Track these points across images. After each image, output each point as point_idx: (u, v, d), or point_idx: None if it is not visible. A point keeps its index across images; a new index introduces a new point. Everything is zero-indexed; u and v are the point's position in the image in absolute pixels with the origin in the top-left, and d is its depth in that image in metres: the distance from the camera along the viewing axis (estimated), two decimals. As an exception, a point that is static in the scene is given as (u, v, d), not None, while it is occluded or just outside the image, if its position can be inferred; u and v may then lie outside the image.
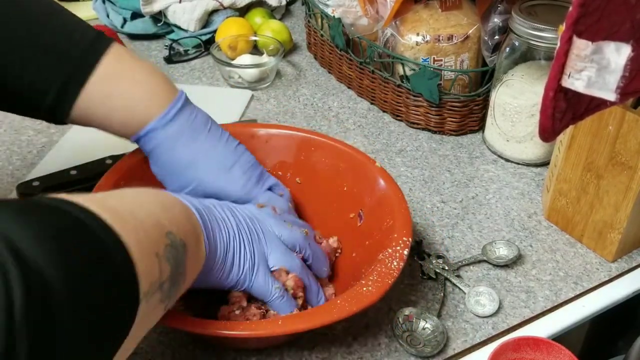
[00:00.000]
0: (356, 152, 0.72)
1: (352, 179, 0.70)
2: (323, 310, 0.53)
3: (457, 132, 0.94)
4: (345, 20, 0.99)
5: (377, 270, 0.56)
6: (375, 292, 0.54)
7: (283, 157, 0.74)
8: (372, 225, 0.66)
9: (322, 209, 0.72)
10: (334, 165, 0.72)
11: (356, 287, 0.54)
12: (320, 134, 0.75)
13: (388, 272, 0.56)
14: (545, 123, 0.43)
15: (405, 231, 0.61)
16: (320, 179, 0.72)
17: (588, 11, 0.40)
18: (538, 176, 0.86)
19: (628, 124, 0.65)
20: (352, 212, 0.70)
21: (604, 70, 0.41)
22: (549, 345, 0.57)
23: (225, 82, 1.06)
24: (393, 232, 0.61)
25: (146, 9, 1.15)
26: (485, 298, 0.67)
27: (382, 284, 0.54)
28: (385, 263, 0.57)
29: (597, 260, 0.73)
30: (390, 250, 0.58)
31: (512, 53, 0.83)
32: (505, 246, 0.73)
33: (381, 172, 0.68)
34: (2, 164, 0.85)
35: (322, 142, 0.73)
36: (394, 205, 0.64)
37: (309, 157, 0.73)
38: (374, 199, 0.67)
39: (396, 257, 0.57)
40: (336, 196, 0.71)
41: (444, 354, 0.62)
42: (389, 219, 0.63)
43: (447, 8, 0.90)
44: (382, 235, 0.63)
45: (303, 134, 0.74)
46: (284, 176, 0.73)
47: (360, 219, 0.68)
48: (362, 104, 1.02)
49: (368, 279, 0.55)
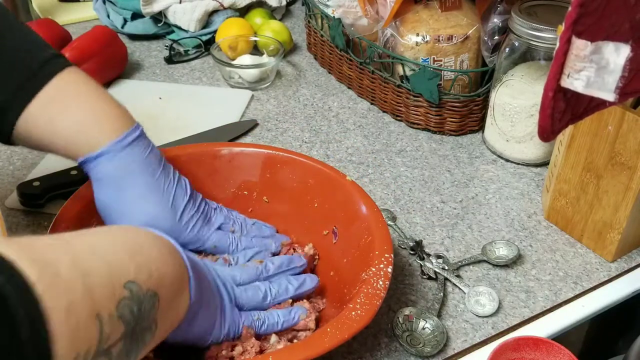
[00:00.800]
0: (325, 166, 0.69)
1: (323, 195, 0.68)
2: (315, 341, 0.51)
3: (457, 132, 0.94)
4: (345, 20, 0.99)
5: (363, 291, 0.55)
6: (365, 315, 0.53)
7: (248, 176, 0.71)
8: (349, 242, 0.64)
9: (293, 228, 0.70)
10: (303, 182, 0.69)
11: (345, 312, 0.53)
12: (286, 150, 0.72)
13: (375, 293, 0.55)
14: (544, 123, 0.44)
15: (386, 247, 0.59)
16: (289, 196, 0.70)
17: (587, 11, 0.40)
18: (538, 176, 0.86)
19: (628, 124, 0.65)
20: (325, 229, 0.68)
21: (603, 70, 0.41)
22: (549, 345, 0.57)
23: (226, 83, 1.06)
24: (373, 248, 0.59)
25: (146, 9, 1.15)
26: (485, 298, 0.67)
27: (371, 306, 0.53)
28: (371, 283, 0.55)
29: (597, 260, 0.73)
30: (374, 269, 0.57)
31: (511, 53, 0.83)
32: (505, 246, 0.73)
33: (353, 185, 0.67)
34: (3, 164, 0.85)
35: (288, 159, 0.70)
36: (370, 220, 0.62)
37: (275, 174, 0.71)
38: (347, 215, 0.66)
39: (381, 276, 0.56)
40: (307, 213, 0.69)
41: (444, 354, 0.62)
42: (366, 234, 0.62)
43: (446, 8, 0.90)
44: (360, 253, 0.62)
45: (267, 151, 0.72)
46: (250, 196, 0.71)
47: (335, 236, 0.67)
48: (362, 104, 1.02)
49: (355, 301, 0.54)
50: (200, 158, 0.69)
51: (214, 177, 0.71)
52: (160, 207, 0.62)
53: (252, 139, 0.92)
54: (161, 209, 0.62)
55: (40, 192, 0.76)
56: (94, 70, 0.99)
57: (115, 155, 0.60)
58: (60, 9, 1.29)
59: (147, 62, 1.12)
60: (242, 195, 0.71)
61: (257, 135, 0.93)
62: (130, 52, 1.11)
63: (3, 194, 0.80)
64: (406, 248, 0.73)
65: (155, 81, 1.07)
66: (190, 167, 0.70)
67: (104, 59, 1.01)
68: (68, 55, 0.96)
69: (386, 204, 0.81)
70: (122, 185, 0.60)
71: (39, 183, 0.77)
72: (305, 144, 0.91)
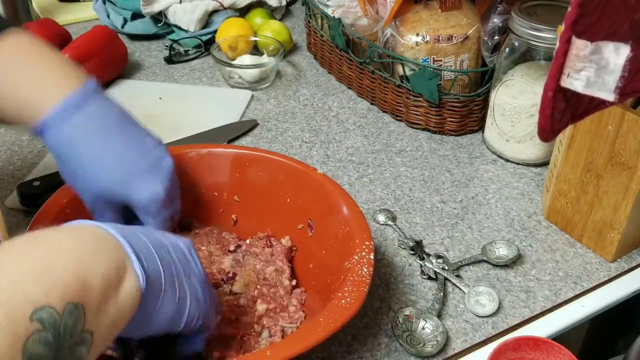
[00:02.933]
0: (294, 162, 0.70)
1: (294, 190, 0.69)
2: (310, 331, 0.52)
3: (457, 132, 0.94)
4: (345, 20, 0.99)
5: (349, 279, 0.55)
6: (355, 302, 0.53)
7: (217, 177, 0.71)
8: (325, 234, 0.65)
9: (267, 224, 0.70)
10: (273, 178, 0.70)
11: (334, 301, 0.53)
12: (254, 149, 0.72)
13: (361, 280, 0.55)
14: (544, 123, 0.44)
15: (365, 235, 0.60)
16: (260, 193, 0.71)
17: (587, 11, 0.40)
18: (538, 176, 0.86)
19: (627, 124, 0.65)
20: (300, 223, 0.68)
21: (602, 70, 0.41)
22: (549, 345, 0.57)
23: (226, 83, 1.06)
24: (352, 238, 0.60)
25: (146, 9, 1.15)
26: (485, 298, 0.67)
27: (359, 293, 0.54)
28: (356, 271, 0.56)
29: (597, 260, 0.73)
30: (357, 257, 0.58)
31: (511, 53, 0.83)
32: (505, 246, 0.73)
33: (324, 178, 0.67)
34: (3, 164, 0.85)
35: (257, 156, 0.71)
36: (345, 210, 0.63)
37: (244, 173, 0.71)
38: (322, 207, 0.66)
39: (364, 264, 0.57)
40: (280, 209, 0.70)
41: (444, 354, 0.62)
42: (344, 225, 0.62)
43: (446, 8, 0.90)
44: (339, 243, 0.62)
45: (235, 150, 0.72)
46: (220, 196, 0.71)
47: (311, 229, 0.67)
48: (362, 104, 1.02)
49: (343, 290, 0.54)
50: None
51: (182, 180, 0.68)
52: (119, 171, 0.57)
53: (252, 139, 0.92)
54: (119, 173, 0.57)
55: (40, 192, 0.76)
56: (94, 70, 0.98)
57: (64, 121, 0.55)
58: (60, 9, 1.29)
59: (147, 62, 1.12)
60: (212, 197, 0.71)
61: (257, 135, 0.93)
62: (130, 52, 1.11)
63: (3, 194, 0.80)
64: (406, 248, 0.73)
65: (155, 81, 1.07)
66: None
67: (104, 59, 1.01)
68: (68, 55, 0.96)
69: (386, 204, 0.81)
70: (76, 152, 0.56)
71: (39, 183, 0.77)
72: (305, 144, 0.91)
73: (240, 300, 0.61)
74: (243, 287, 0.62)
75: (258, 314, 0.60)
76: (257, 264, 0.65)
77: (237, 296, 0.62)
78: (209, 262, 0.65)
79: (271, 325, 0.60)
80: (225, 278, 0.63)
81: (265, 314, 0.60)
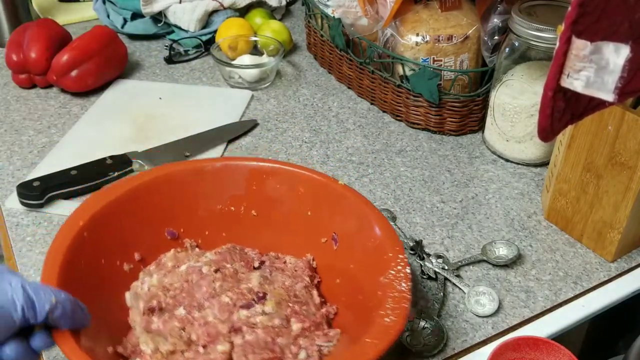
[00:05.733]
0: (314, 173, 0.67)
1: (315, 203, 0.66)
2: (360, 354, 0.50)
3: (457, 132, 0.94)
4: (345, 20, 0.99)
5: (389, 296, 0.54)
6: (398, 320, 0.52)
7: (233, 190, 0.68)
8: (353, 247, 0.63)
9: (287, 239, 0.68)
10: (292, 191, 0.67)
11: (378, 320, 0.52)
12: (271, 160, 0.69)
13: (401, 296, 0.54)
14: (544, 123, 0.44)
15: (398, 247, 0.59)
16: (279, 207, 0.68)
17: (587, 11, 0.40)
18: (538, 176, 0.86)
19: (627, 124, 0.65)
20: (323, 237, 0.66)
21: (602, 70, 0.41)
22: (549, 345, 0.57)
23: (226, 83, 1.06)
24: (384, 251, 0.59)
25: (146, 9, 1.15)
26: (485, 298, 0.67)
27: (401, 310, 0.53)
28: (394, 286, 0.55)
29: (597, 260, 0.73)
30: (393, 271, 0.56)
31: (511, 53, 0.83)
32: (505, 246, 0.73)
33: (347, 189, 0.65)
34: (3, 164, 0.86)
35: (274, 169, 0.68)
36: (373, 223, 0.61)
37: (261, 186, 0.68)
38: (346, 219, 0.64)
39: (402, 278, 0.55)
40: (301, 223, 0.67)
41: (444, 354, 0.62)
42: (372, 238, 0.61)
43: (446, 8, 0.90)
44: (368, 256, 0.60)
45: (251, 163, 0.69)
46: (237, 211, 0.69)
47: (336, 243, 0.65)
48: (362, 104, 1.02)
49: (384, 307, 0.53)
50: (181, 175, 0.66)
51: (197, 196, 0.68)
52: None
53: (252, 138, 0.92)
54: None
55: (40, 192, 0.76)
56: (94, 70, 0.99)
57: None
58: (60, 9, 1.29)
59: (147, 62, 1.12)
60: (229, 212, 0.68)
61: (257, 135, 0.93)
62: (130, 52, 1.11)
63: (3, 194, 0.80)
64: (406, 248, 0.73)
65: (155, 81, 1.07)
66: (171, 189, 0.67)
67: (104, 59, 1.01)
68: (68, 55, 0.97)
69: (386, 204, 0.81)
70: None
71: (39, 183, 0.77)
72: (305, 144, 0.91)
73: (275, 321, 0.58)
74: (275, 306, 0.59)
75: (294, 334, 0.58)
76: (285, 281, 0.63)
77: (270, 316, 0.58)
78: (235, 280, 0.62)
79: (307, 345, 0.57)
80: (256, 298, 0.60)
81: (300, 333, 0.58)
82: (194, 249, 0.68)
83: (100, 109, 0.98)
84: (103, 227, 0.62)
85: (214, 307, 0.58)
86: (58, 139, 0.90)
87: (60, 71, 0.97)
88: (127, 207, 0.64)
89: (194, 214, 0.68)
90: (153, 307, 0.59)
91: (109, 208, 0.63)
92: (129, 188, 0.65)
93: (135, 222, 0.65)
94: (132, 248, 0.64)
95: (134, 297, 0.61)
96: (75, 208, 0.62)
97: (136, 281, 0.63)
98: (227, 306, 0.58)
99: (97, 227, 0.61)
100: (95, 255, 0.60)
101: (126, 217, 0.64)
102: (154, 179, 0.67)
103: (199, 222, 0.68)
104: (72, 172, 0.79)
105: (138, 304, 0.60)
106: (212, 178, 0.68)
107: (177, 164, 0.72)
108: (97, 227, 0.61)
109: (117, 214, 0.64)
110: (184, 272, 0.62)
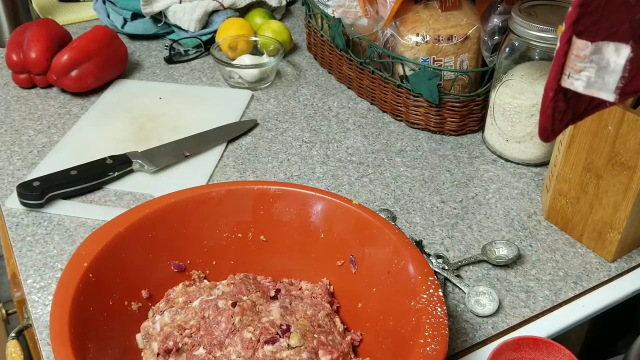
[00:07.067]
0: (324, 193, 0.65)
1: (328, 224, 0.64)
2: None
3: (457, 132, 0.94)
4: (345, 20, 0.99)
5: (426, 322, 0.52)
6: (440, 347, 0.50)
7: (240, 216, 0.65)
8: (374, 269, 0.60)
9: (301, 264, 0.65)
10: (302, 213, 0.65)
11: (418, 350, 0.50)
12: (278, 183, 0.66)
13: (439, 322, 0.52)
14: (544, 123, 0.44)
15: (427, 269, 0.56)
16: (289, 231, 0.65)
17: (587, 11, 0.40)
18: (538, 176, 0.86)
19: (628, 124, 0.65)
20: (339, 259, 0.63)
21: (603, 70, 0.41)
22: (549, 345, 0.57)
23: (226, 83, 1.06)
24: (411, 273, 0.56)
25: (146, 9, 1.15)
26: (485, 298, 0.67)
27: (441, 336, 0.51)
28: (429, 312, 0.52)
29: (597, 260, 0.73)
30: (425, 295, 0.54)
31: (511, 53, 0.83)
32: (505, 246, 0.73)
33: (362, 209, 0.63)
34: (3, 164, 0.86)
35: (282, 191, 0.65)
36: (395, 242, 0.59)
37: (269, 210, 0.65)
38: (364, 240, 0.61)
39: (436, 302, 0.53)
40: (313, 246, 0.64)
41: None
42: (396, 259, 0.58)
43: (446, 8, 0.90)
44: (394, 279, 0.58)
45: (257, 186, 0.66)
46: (245, 237, 0.66)
47: (354, 265, 0.62)
48: (362, 104, 1.02)
49: (423, 335, 0.51)
50: (186, 204, 0.64)
51: (202, 225, 0.65)
52: None
53: (252, 139, 0.92)
54: None
55: (40, 192, 0.76)
56: (94, 70, 0.99)
57: None
58: (60, 9, 1.29)
59: (147, 62, 1.12)
60: (236, 239, 0.65)
61: (257, 135, 0.93)
62: (130, 52, 1.11)
63: (3, 194, 0.80)
64: (406, 248, 0.73)
65: (155, 81, 1.07)
66: (173, 219, 0.64)
67: (104, 59, 1.01)
68: (68, 55, 0.97)
69: (386, 204, 0.81)
70: None
71: (39, 183, 0.77)
72: (305, 144, 0.91)
73: (303, 355, 0.55)
74: (301, 338, 0.56)
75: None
76: (307, 310, 0.60)
77: (297, 350, 0.55)
78: (254, 313, 0.58)
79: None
80: (281, 332, 0.56)
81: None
82: (202, 280, 0.65)
83: (100, 109, 0.98)
84: (108, 266, 0.59)
85: (236, 345, 0.55)
86: (58, 139, 0.90)
87: (60, 71, 0.97)
88: (130, 242, 0.61)
89: (200, 243, 0.65)
90: (169, 348, 0.56)
91: (111, 245, 0.60)
92: (130, 223, 0.62)
93: (139, 257, 0.62)
94: (138, 285, 0.61)
95: (146, 338, 0.58)
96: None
97: (146, 321, 0.60)
98: (250, 342, 0.55)
99: (101, 268, 0.58)
100: (103, 297, 0.58)
101: (129, 253, 0.61)
102: (155, 212, 0.63)
103: (206, 252, 0.65)
104: (72, 172, 0.79)
105: (151, 345, 0.57)
106: (216, 205, 0.65)
107: (178, 192, 0.66)
108: (102, 268, 0.58)
109: (121, 251, 0.60)
110: (197, 307, 0.59)
